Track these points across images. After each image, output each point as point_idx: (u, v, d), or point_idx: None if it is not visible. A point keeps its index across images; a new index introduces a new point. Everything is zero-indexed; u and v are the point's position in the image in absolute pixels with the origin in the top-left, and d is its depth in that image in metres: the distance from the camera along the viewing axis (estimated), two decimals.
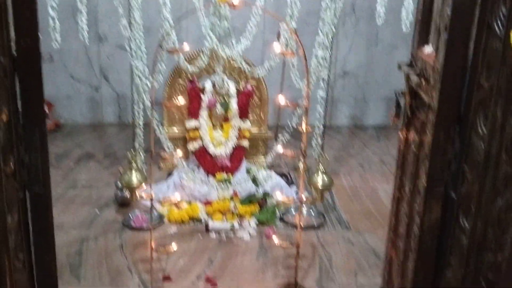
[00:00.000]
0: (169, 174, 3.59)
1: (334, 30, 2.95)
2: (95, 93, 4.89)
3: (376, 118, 5.09)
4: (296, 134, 3.79)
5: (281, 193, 2.96)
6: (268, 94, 3.76)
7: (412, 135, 1.64)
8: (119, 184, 3.24)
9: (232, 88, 3.46)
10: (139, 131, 3.32)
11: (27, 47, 1.17)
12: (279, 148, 2.26)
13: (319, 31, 2.95)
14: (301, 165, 2.49)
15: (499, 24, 1.12)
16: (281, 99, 2.23)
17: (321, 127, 3.40)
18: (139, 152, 3.32)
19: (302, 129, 2.21)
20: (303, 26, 4.16)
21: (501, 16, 1.11)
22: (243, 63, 3.26)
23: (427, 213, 1.38)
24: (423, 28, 1.60)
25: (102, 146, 4.35)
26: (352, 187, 3.68)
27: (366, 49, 4.91)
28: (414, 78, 1.51)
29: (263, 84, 3.73)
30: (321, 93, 3.25)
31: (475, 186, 1.19)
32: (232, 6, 2.09)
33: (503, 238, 1.18)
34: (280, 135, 3.16)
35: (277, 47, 2.26)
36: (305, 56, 2.15)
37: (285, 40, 3.07)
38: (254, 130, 3.78)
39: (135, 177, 2.80)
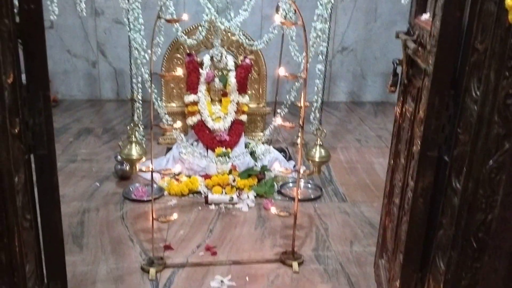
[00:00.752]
0: (168, 149, 3.63)
1: (333, 1, 2.94)
2: (92, 68, 4.88)
3: (374, 94, 5.11)
4: (294, 110, 3.82)
5: (279, 164, 3.02)
6: (266, 69, 3.77)
7: (409, 102, 1.67)
8: (119, 158, 3.29)
9: (230, 62, 3.47)
10: (138, 105, 3.34)
11: (30, 11, 1.18)
12: (278, 120, 2.29)
13: (318, 4, 2.95)
14: (299, 139, 2.53)
15: None
16: (281, 71, 2.25)
17: (319, 101, 3.42)
18: (138, 126, 3.34)
19: (301, 103, 2.24)
20: (303, 1, 4.14)
21: None
22: (242, 36, 3.26)
23: (421, 176, 1.43)
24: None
25: (101, 121, 4.37)
26: (349, 161, 3.72)
27: (365, 25, 4.90)
28: (411, 45, 1.53)
29: (262, 59, 3.73)
30: (319, 67, 3.26)
31: (467, 147, 1.23)
32: None
33: (494, 198, 1.23)
34: (278, 110, 3.19)
35: (277, 18, 2.26)
36: (304, 27, 2.16)
37: (284, 12, 3.06)
38: (253, 105, 3.80)
39: (134, 150, 2.83)
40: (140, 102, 3.34)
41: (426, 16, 1.57)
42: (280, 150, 3.69)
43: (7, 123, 1.09)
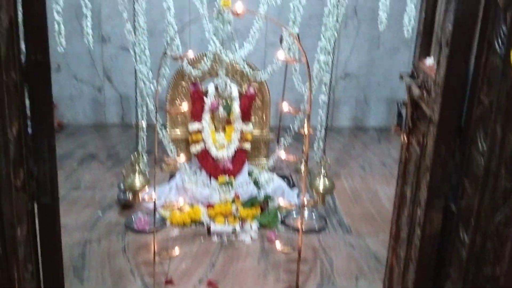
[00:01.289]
0: (171, 176, 3.62)
1: (336, 35, 2.96)
2: (98, 93, 4.92)
3: (377, 119, 5.11)
4: (297, 136, 3.82)
5: (283, 197, 3.00)
6: (270, 96, 3.78)
7: (414, 146, 1.67)
8: (122, 186, 3.28)
9: (234, 91, 3.48)
10: (142, 134, 3.34)
11: (37, 61, 1.19)
12: (282, 154, 2.29)
13: (321, 36, 2.97)
14: (302, 168, 2.52)
15: (500, 42, 1.13)
16: (285, 106, 2.25)
17: (323, 131, 3.42)
18: (142, 155, 3.34)
19: (304, 132, 2.23)
20: (306, 28, 4.18)
21: (502, 34, 1.13)
22: (246, 67, 3.28)
23: (428, 224, 1.41)
24: (424, 40, 1.62)
25: (105, 147, 4.37)
26: (354, 189, 3.70)
27: (368, 52, 4.93)
28: (416, 90, 1.53)
29: (265, 86, 3.75)
30: (323, 97, 3.26)
31: (474, 199, 1.21)
32: (235, 14, 2.11)
33: (502, 251, 1.20)
34: (282, 138, 3.18)
35: (280, 54, 2.28)
36: (307, 64, 2.18)
37: (288, 44, 3.09)
38: (256, 132, 3.80)
39: (138, 180, 2.82)
40: (145, 131, 3.34)
41: (430, 61, 1.58)
42: (284, 177, 3.68)
43: (11, 176, 1.09)
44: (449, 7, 1.31)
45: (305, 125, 2.24)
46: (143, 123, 3.22)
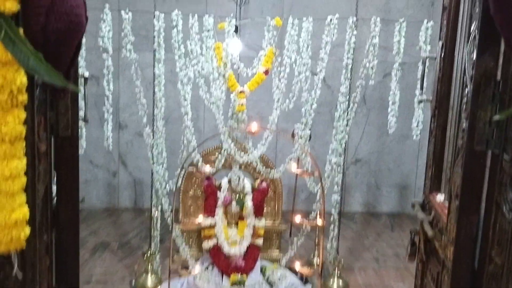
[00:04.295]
0: (184, 267, 3.59)
1: (347, 137, 3.06)
2: (112, 178, 5.02)
3: (390, 205, 5.10)
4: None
5: None
6: (282, 188, 3.83)
7: (428, 278, 1.67)
8: (134, 284, 3.26)
9: (247, 185, 3.54)
10: (157, 233, 3.37)
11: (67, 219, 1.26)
12: (297, 265, 2.29)
13: (333, 139, 3.07)
14: (315, 258, 2.47)
15: (508, 208, 1.18)
16: (297, 218, 2.29)
17: (336, 230, 3.40)
18: (155, 253, 3.34)
19: (319, 242, 2.24)
20: (316, 116, 4.31)
21: (509, 201, 1.18)
22: (260, 164, 3.36)
23: None
24: (435, 175, 1.68)
25: (117, 234, 4.39)
26: (368, 285, 3.62)
27: (378, 138, 5.04)
28: (429, 230, 1.56)
29: (278, 178, 3.80)
30: (335, 197, 3.29)
31: None
32: (251, 133, 2.21)
33: None
34: (295, 238, 3.18)
35: (294, 167, 2.35)
36: (320, 177, 2.24)
37: (303, 140, 3.17)
38: (268, 222, 3.80)
39: (150, 280, 2.81)
40: (159, 229, 3.37)
41: (441, 198, 1.62)
42: (296, 272, 3.62)
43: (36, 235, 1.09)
44: (458, 161, 1.37)
45: (319, 237, 2.26)
46: (158, 225, 3.27)
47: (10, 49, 0.89)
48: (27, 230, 1.02)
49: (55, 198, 1.33)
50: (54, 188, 1.35)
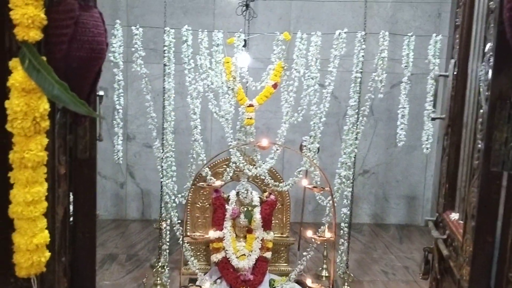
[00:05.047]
0: (191, 280, 3.58)
1: (356, 151, 3.06)
2: (120, 189, 5.04)
3: (398, 216, 5.08)
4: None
5: None
6: (290, 200, 3.82)
7: None
8: None
9: (255, 198, 3.54)
10: (165, 246, 3.37)
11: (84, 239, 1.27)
12: (308, 281, 2.28)
13: (342, 152, 3.07)
14: (323, 271, 2.42)
15: None
16: (309, 233, 2.28)
17: (346, 244, 3.38)
18: (164, 267, 3.33)
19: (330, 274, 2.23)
20: (324, 127, 4.32)
21: None
22: (268, 177, 3.36)
23: None
24: (449, 193, 1.68)
25: (125, 246, 4.39)
26: None
27: (385, 149, 5.03)
28: (444, 249, 1.55)
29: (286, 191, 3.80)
30: (345, 210, 3.28)
31: None
32: (261, 148, 2.22)
33: None
34: (304, 253, 3.17)
35: (304, 182, 2.36)
36: (331, 193, 2.24)
37: (310, 152, 3.17)
38: (276, 235, 3.79)
39: None
40: (167, 242, 3.37)
41: (455, 216, 1.62)
42: (304, 286, 3.61)
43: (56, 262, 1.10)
44: (473, 182, 1.37)
45: (332, 259, 2.25)
46: (167, 237, 3.27)
47: (34, 78, 0.91)
48: (47, 254, 1.03)
49: (72, 218, 1.33)
50: (71, 207, 1.36)
